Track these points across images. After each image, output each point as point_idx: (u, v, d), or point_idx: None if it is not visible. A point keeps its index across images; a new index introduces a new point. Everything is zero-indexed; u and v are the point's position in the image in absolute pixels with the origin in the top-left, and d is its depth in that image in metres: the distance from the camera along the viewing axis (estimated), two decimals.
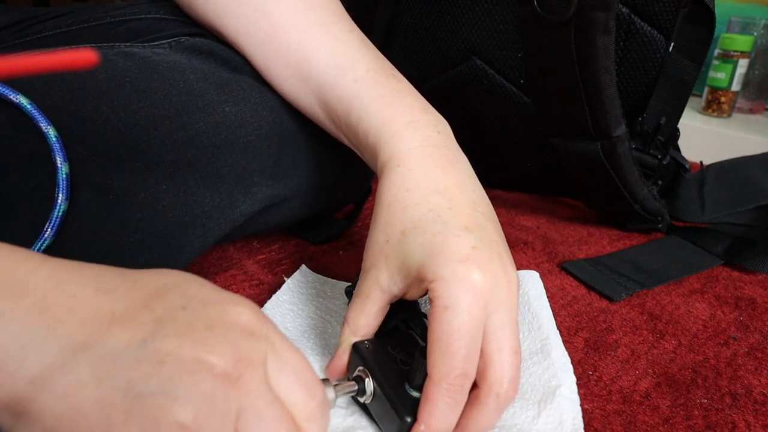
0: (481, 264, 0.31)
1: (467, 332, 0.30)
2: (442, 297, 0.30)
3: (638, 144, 0.66)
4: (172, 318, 0.24)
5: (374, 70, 0.41)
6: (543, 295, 0.50)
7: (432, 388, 0.30)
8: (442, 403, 0.30)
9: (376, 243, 0.35)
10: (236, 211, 0.44)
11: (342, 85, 0.41)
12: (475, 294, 0.30)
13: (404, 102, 0.40)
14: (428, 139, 0.38)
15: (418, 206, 0.34)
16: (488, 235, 0.33)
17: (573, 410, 0.37)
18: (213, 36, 0.47)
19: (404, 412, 0.31)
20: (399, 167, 0.36)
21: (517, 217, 0.71)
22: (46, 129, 0.36)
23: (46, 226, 0.37)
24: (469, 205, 0.35)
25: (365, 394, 0.33)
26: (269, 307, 0.44)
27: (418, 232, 0.33)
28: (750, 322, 0.51)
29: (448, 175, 0.36)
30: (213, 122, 0.41)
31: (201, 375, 0.23)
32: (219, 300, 0.26)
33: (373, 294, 0.35)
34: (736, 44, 1.15)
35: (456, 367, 0.30)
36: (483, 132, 0.74)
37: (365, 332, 0.36)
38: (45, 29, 0.49)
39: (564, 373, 0.40)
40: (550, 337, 0.44)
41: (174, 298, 0.25)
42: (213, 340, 0.24)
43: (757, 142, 1.07)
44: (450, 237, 0.32)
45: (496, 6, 0.65)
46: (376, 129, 0.39)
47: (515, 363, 0.31)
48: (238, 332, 0.25)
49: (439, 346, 0.30)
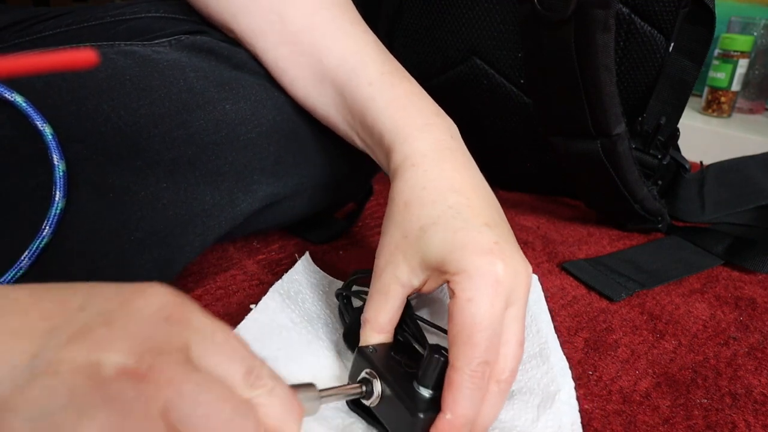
0: (503, 258, 0.32)
1: (490, 324, 0.31)
2: (465, 290, 0.31)
3: (638, 144, 0.66)
4: (67, 322, 0.22)
5: (388, 72, 0.42)
6: (542, 299, 0.50)
7: (455, 376, 0.31)
8: (466, 389, 0.30)
9: (392, 240, 0.36)
10: (237, 209, 0.44)
11: (356, 87, 0.42)
12: (497, 287, 0.31)
13: (418, 105, 0.40)
14: (442, 142, 0.38)
15: (436, 204, 0.35)
16: (506, 233, 0.35)
17: (572, 415, 0.37)
18: (214, 34, 0.47)
19: (417, 409, 0.31)
20: (414, 167, 0.37)
21: (517, 217, 0.71)
22: (42, 127, 0.37)
23: (44, 224, 0.37)
24: (484, 204, 0.36)
25: (372, 396, 0.33)
26: (278, 287, 0.45)
27: (438, 228, 0.34)
28: (750, 322, 0.51)
29: (462, 176, 0.37)
30: (213, 120, 0.41)
31: (100, 378, 0.20)
32: (124, 292, 0.23)
33: (393, 290, 0.35)
34: (736, 44, 1.15)
35: (478, 356, 0.30)
36: (483, 132, 0.73)
37: (389, 329, 0.36)
38: (45, 29, 0.49)
39: (563, 377, 0.40)
40: (549, 341, 0.44)
41: (74, 300, 0.23)
42: (110, 336, 0.21)
43: (757, 142, 1.07)
44: (472, 232, 0.33)
45: (496, 6, 0.65)
46: (391, 132, 0.39)
47: (518, 355, 0.33)
48: (143, 323, 0.22)
49: (461, 338, 0.31)
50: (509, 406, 0.37)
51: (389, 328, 0.36)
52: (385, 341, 0.36)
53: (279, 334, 0.40)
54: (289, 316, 0.42)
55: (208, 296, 0.48)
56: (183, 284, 0.49)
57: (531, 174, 0.76)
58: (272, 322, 0.41)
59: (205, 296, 0.48)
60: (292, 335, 0.41)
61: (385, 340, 0.36)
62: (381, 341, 0.36)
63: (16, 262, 0.37)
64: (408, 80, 0.42)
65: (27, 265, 0.37)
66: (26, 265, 0.37)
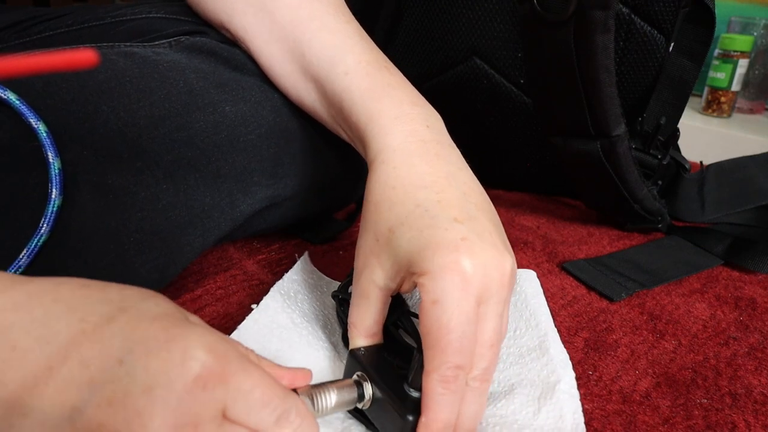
0: (471, 254, 0.30)
1: (457, 326, 0.29)
2: (430, 291, 0.30)
3: (638, 144, 0.66)
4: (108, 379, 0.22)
5: (366, 62, 0.41)
6: (540, 293, 0.50)
7: (427, 381, 0.30)
8: (438, 395, 0.30)
9: (366, 243, 0.35)
10: (236, 210, 0.44)
11: (333, 79, 0.41)
12: (464, 287, 0.30)
13: (393, 95, 0.39)
14: (415, 133, 0.37)
15: (404, 204, 0.33)
16: (480, 225, 0.32)
17: (573, 404, 0.37)
18: (213, 35, 0.47)
19: (405, 411, 0.31)
20: (384, 164, 0.36)
21: (517, 217, 0.71)
22: (36, 125, 0.37)
23: (41, 222, 0.37)
24: (459, 196, 0.34)
25: (364, 399, 0.33)
26: (278, 287, 0.45)
27: (405, 228, 0.32)
28: (750, 322, 0.51)
29: (435, 168, 0.35)
30: (213, 121, 0.41)
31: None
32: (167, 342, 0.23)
33: (372, 293, 0.35)
34: (736, 44, 1.16)
35: (448, 360, 0.29)
36: (483, 132, 0.74)
37: (374, 330, 0.35)
38: (45, 29, 0.49)
39: (563, 368, 0.40)
40: (549, 333, 0.44)
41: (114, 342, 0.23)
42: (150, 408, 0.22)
43: (757, 142, 1.07)
44: (438, 230, 0.31)
45: (496, 6, 0.65)
46: (364, 124, 0.38)
47: (488, 356, 0.31)
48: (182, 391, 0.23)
49: (429, 341, 0.30)
50: (510, 400, 0.37)
51: (375, 330, 0.35)
52: (374, 343, 0.36)
53: (279, 334, 0.40)
54: (290, 316, 0.42)
55: (208, 296, 0.48)
56: (183, 284, 0.49)
57: (531, 174, 0.76)
58: (272, 323, 0.41)
59: (205, 296, 0.48)
60: (292, 336, 0.41)
61: (373, 342, 0.36)
62: (369, 344, 0.35)
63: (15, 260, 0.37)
64: (387, 69, 0.41)
65: (26, 263, 0.37)
66: (25, 263, 0.37)
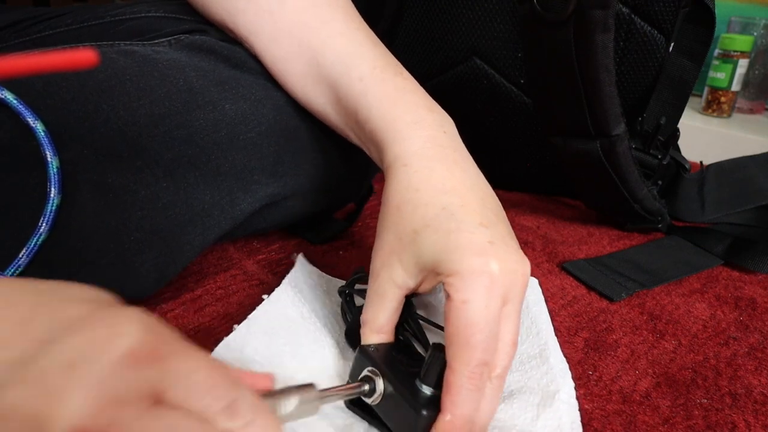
0: (498, 258, 0.32)
1: (486, 326, 0.31)
2: (460, 291, 0.31)
3: (638, 144, 0.66)
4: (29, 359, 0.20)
5: (380, 67, 0.41)
6: (541, 300, 0.50)
7: (453, 378, 0.30)
8: (465, 390, 0.30)
9: (387, 243, 0.36)
10: (236, 209, 0.44)
11: (347, 84, 0.41)
12: (492, 287, 0.31)
13: (409, 101, 0.40)
14: (433, 139, 0.38)
15: (428, 206, 0.34)
16: (500, 231, 0.34)
17: (572, 414, 0.37)
18: (213, 33, 0.47)
19: (420, 406, 0.31)
20: (405, 167, 0.36)
21: (517, 217, 0.71)
22: (34, 124, 0.37)
23: (40, 221, 0.37)
24: (479, 203, 0.35)
25: (375, 394, 0.33)
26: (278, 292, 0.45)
27: (431, 230, 0.33)
28: (750, 322, 0.51)
29: (454, 174, 0.36)
30: (213, 120, 0.41)
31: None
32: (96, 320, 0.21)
33: (390, 292, 0.35)
34: (736, 44, 1.16)
35: (476, 358, 0.30)
36: (483, 132, 0.74)
37: (387, 329, 0.36)
38: (45, 28, 0.49)
39: (562, 378, 0.40)
40: (549, 342, 0.44)
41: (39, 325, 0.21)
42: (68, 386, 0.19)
43: (757, 142, 1.07)
44: (465, 233, 0.32)
45: (496, 6, 0.65)
46: (381, 129, 0.39)
47: (511, 354, 0.33)
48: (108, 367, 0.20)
49: (458, 339, 0.31)
50: (509, 405, 0.37)
51: (388, 329, 0.36)
52: (386, 341, 0.36)
53: (288, 327, 0.41)
54: (299, 310, 0.43)
55: (208, 296, 0.48)
56: (183, 284, 0.49)
57: (531, 174, 0.76)
58: (282, 316, 0.41)
59: (205, 296, 0.48)
60: (299, 330, 0.41)
61: (384, 340, 0.36)
62: (381, 341, 0.36)
63: (14, 259, 0.37)
64: (401, 75, 0.42)
65: (25, 262, 0.37)
66: (24, 262, 0.37)
